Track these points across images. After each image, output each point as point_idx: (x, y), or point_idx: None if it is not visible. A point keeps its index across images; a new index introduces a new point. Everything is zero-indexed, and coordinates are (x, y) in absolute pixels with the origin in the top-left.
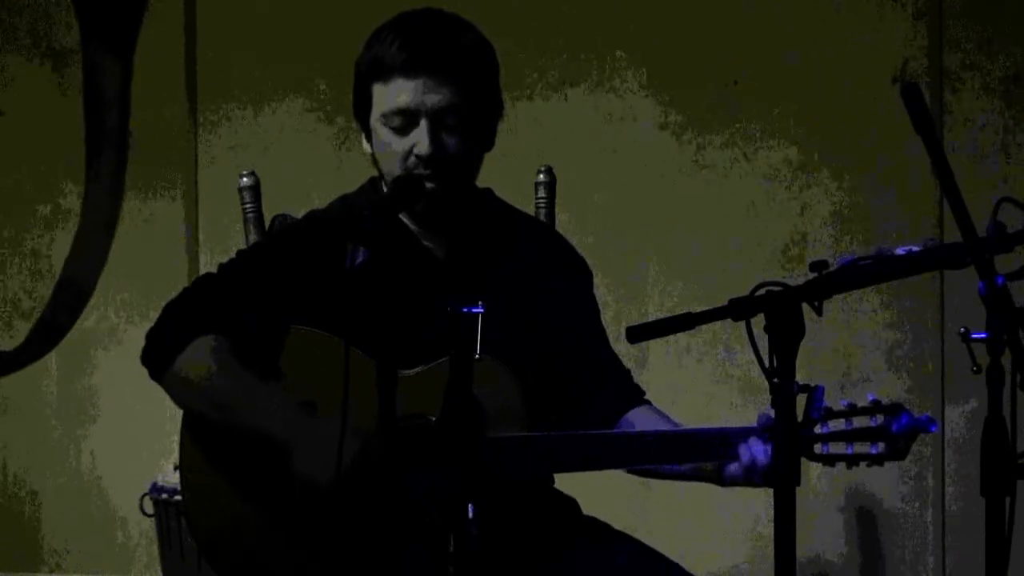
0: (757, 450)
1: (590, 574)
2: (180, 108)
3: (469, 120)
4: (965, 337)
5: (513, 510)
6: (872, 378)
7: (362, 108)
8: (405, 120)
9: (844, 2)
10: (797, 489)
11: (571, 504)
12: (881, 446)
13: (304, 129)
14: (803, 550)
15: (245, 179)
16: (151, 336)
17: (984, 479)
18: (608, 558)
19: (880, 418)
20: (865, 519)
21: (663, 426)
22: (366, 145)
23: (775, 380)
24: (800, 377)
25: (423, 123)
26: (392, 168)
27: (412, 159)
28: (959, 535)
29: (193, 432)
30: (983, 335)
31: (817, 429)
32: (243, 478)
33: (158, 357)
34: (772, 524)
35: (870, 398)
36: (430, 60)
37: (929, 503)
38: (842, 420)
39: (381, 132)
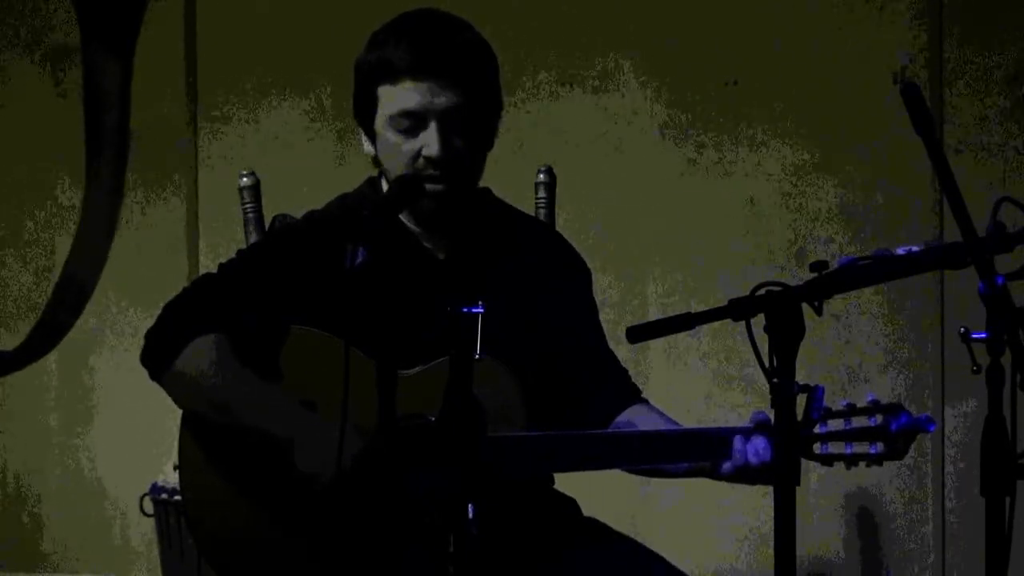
0: (751, 449)
1: (589, 574)
2: (180, 108)
3: (475, 121)
4: (965, 337)
5: (513, 510)
6: (872, 378)
7: (365, 110)
8: (413, 122)
9: (844, 2)
10: (797, 489)
11: (571, 504)
12: (880, 446)
13: (304, 129)
14: (803, 550)
15: (245, 179)
16: (150, 336)
17: (984, 479)
18: (607, 559)
19: (879, 418)
20: (865, 519)
21: (660, 424)
22: (368, 147)
23: (775, 380)
24: (800, 377)
25: (432, 125)
26: (399, 170)
27: (421, 161)
28: (959, 535)
29: (193, 432)
30: (983, 335)
31: (816, 429)
32: (243, 477)
33: (158, 357)
34: (772, 524)
35: (869, 398)
36: (438, 62)
37: (929, 503)
38: (841, 420)
39: (387, 134)
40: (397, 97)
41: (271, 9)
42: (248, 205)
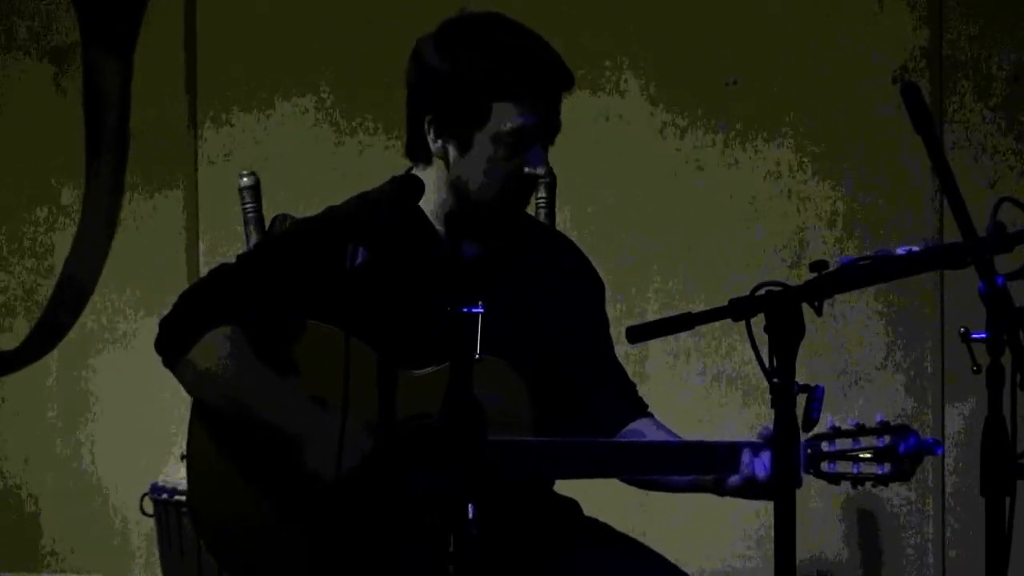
0: (759, 464)
1: (590, 575)
2: (180, 108)
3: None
4: (965, 337)
5: (513, 510)
6: (872, 378)
7: (467, 120)
8: (523, 139)
9: (844, 2)
10: (797, 489)
11: (571, 505)
12: (887, 467)
13: (304, 129)
14: (803, 550)
15: (245, 179)
16: (165, 324)
17: (984, 479)
18: (608, 559)
19: (887, 439)
20: (865, 519)
21: (666, 438)
22: (442, 148)
23: (775, 380)
24: (800, 377)
25: (539, 144)
26: (489, 181)
27: (524, 178)
28: (959, 535)
29: (203, 421)
30: (983, 335)
31: (824, 447)
32: (250, 469)
33: (172, 345)
34: (772, 524)
35: (878, 419)
36: (557, 83)
37: (929, 503)
38: (849, 439)
39: (492, 147)
40: (516, 114)
41: (271, 9)
42: (248, 205)
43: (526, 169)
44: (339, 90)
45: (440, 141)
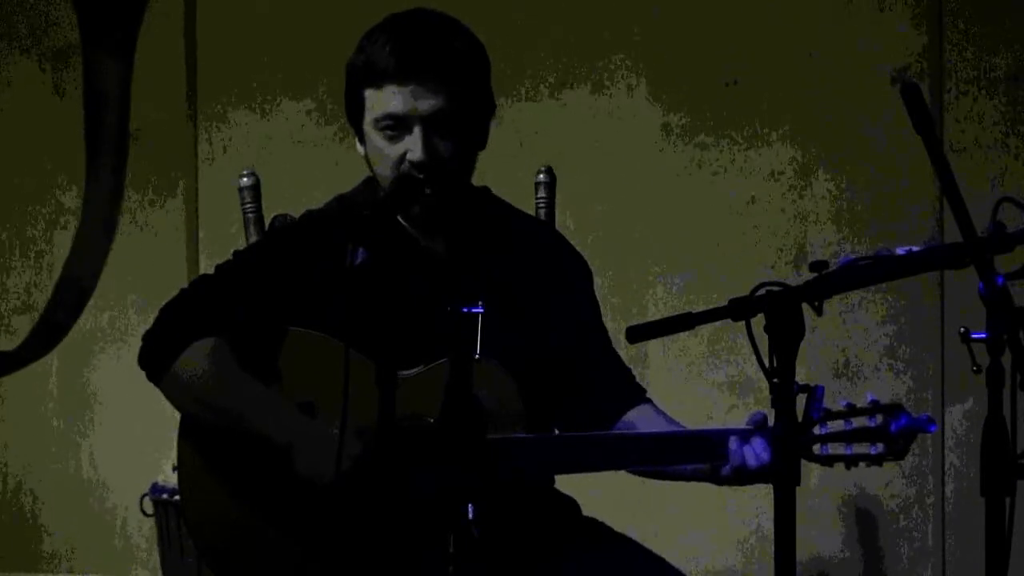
0: (748, 452)
1: (589, 575)
2: (180, 108)
3: (462, 122)
4: (965, 337)
5: (513, 510)
6: (872, 378)
7: (355, 112)
8: (397, 125)
9: (844, 2)
10: (797, 489)
11: (571, 505)
12: (880, 446)
13: (304, 129)
14: (803, 550)
15: (245, 179)
16: (148, 339)
17: (984, 479)
18: (607, 559)
19: (879, 418)
20: (865, 519)
21: (661, 427)
22: (360, 147)
23: (775, 380)
24: (800, 377)
25: (416, 129)
26: (386, 172)
27: (406, 164)
28: (959, 535)
29: (191, 434)
30: (983, 335)
31: (816, 430)
32: (241, 480)
33: (156, 360)
34: (772, 524)
35: (869, 398)
36: (421, 65)
37: (929, 503)
38: (841, 420)
39: (374, 136)
40: (381, 100)
41: (271, 9)
42: (248, 205)
43: (408, 155)
44: (339, 90)
45: (359, 142)
